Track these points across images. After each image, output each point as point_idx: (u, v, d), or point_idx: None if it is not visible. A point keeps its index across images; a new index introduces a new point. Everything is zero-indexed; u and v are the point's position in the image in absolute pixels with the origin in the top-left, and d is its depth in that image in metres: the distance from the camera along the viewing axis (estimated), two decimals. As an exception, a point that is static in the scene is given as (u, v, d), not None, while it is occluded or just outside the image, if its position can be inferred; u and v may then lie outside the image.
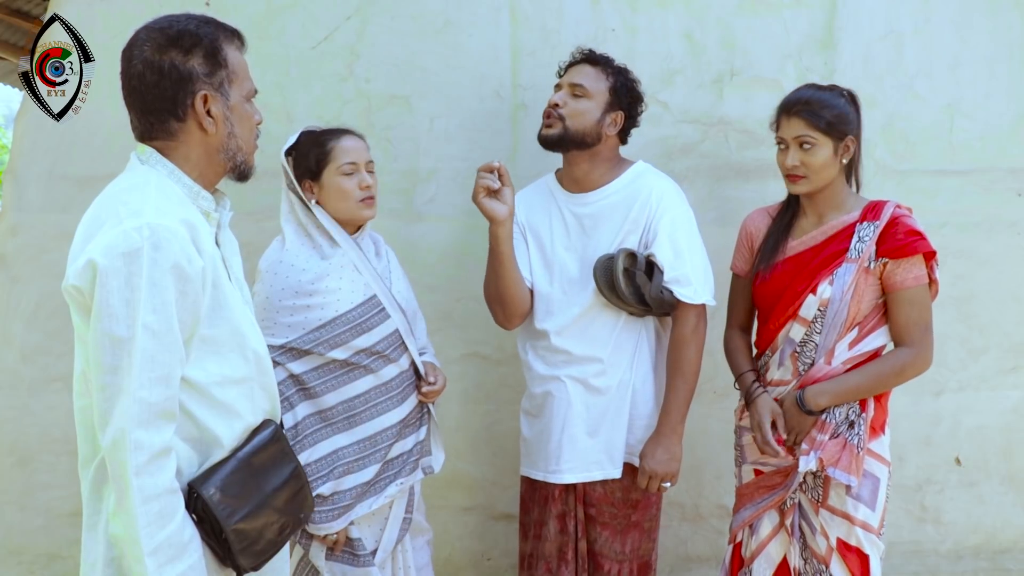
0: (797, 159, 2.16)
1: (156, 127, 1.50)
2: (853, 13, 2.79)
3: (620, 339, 2.28)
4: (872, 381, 2.14)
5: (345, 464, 2.13)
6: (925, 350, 2.15)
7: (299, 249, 2.17)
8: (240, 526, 1.46)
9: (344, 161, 2.15)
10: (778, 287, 2.23)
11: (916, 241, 2.11)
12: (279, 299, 2.13)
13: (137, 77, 1.47)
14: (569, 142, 2.26)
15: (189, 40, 1.48)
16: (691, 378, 2.27)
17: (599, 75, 2.28)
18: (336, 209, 2.16)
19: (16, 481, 2.81)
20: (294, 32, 2.72)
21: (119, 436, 1.34)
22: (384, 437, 2.17)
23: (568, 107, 2.25)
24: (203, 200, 1.53)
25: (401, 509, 2.25)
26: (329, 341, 2.11)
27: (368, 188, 2.16)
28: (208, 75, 1.49)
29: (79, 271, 1.37)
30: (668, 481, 2.24)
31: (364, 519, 2.21)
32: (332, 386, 2.13)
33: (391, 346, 2.17)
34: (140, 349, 1.35)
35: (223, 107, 1.52)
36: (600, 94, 2.27)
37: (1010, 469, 2.92)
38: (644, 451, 2.25)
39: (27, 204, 2.76)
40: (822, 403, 2.13)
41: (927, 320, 2.15)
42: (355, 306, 2.14)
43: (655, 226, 2.24)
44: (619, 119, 2.30)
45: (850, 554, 2.15)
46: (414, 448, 2.24)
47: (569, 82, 2.29)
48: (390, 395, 2.18)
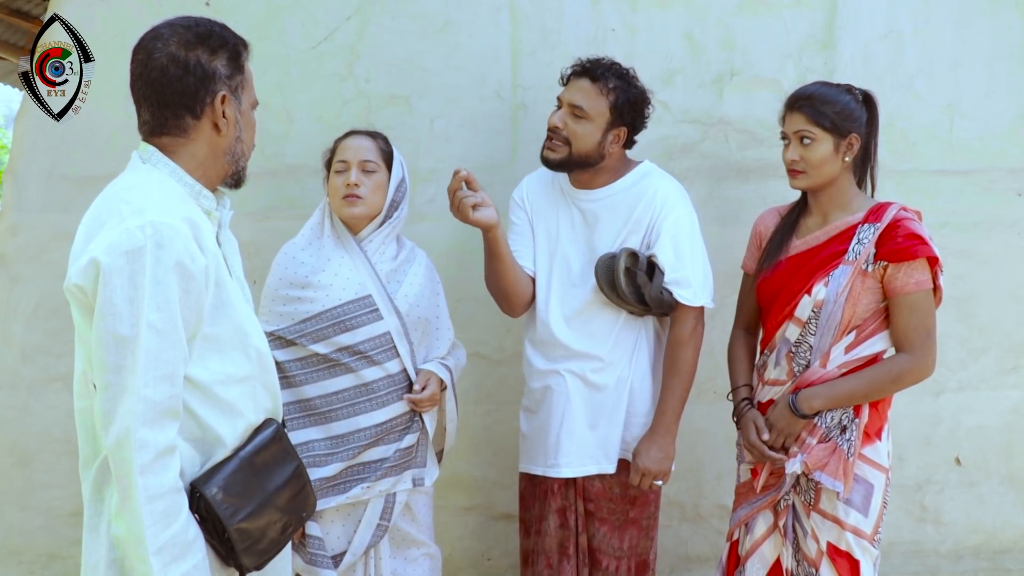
0: (797, 154, 2.16)
1: (170, 122, 1.50)
2: (853, 13, 2.79)
3: (620, 336, 2.29)
4: (868, 386, 2.12)
5: (312, 456, 2.14)
6: (925, 357, 2.12)
7: (305, 243, 2.24)
8: (243, 525, 1.46)
9: (338, 159, 2.23)
10: (777, 286, 2.23)
11: (916, 245, 2.08)
12: (276, 288, 2.21)
13: (159, 70, 1.48)
14: (574, 164, 2.27)
15: (217, 41, 1.51)
16: (687, 378, 2.28)
17: (598, 93, 2.23)
18: (332, 206, 2.25)
19: (16, 481, 2.81)
20: (294, 32, 2.72)
21: (123, 435, 1.34)
22: (358, 437, 2.17)
23: (569, 129, 2.24)
24: (204, 199, 1.54)
25: (375, 515, 2.22)
26: (312, 334, 2.15)
27: (351, 186, 2.18)
28: (229, 77, 1.52)
29: (82, 270, 1.37)
30: (661, 479, 2.26)
31: (337, 518, 2.21)
32: (312, 379, 2.16)
33: (377, 348, 2.17)
34: (144, 347, 1.35)
35: (236, 111, 1.54)
36: (600, 115, 2.24)
37: (1010, 469, 2.92)
38: (638, 449, 2.26)
39: (27, 204, 2.76)
40: (815, 406, 2.13)
41: (929, 327, 2.12)
42: (342, 303, 2.16)
43: (658, 227, 2.25)
44: (621, 135, 2.29)
45: (840, 558, 2.14)
46: (394, 455, 2.21)
47: (569, 102, 2.25)
48: (370, 397, 2.18)
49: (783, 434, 2.17)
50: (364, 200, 2.19)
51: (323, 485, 2.15)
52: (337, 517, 2.21)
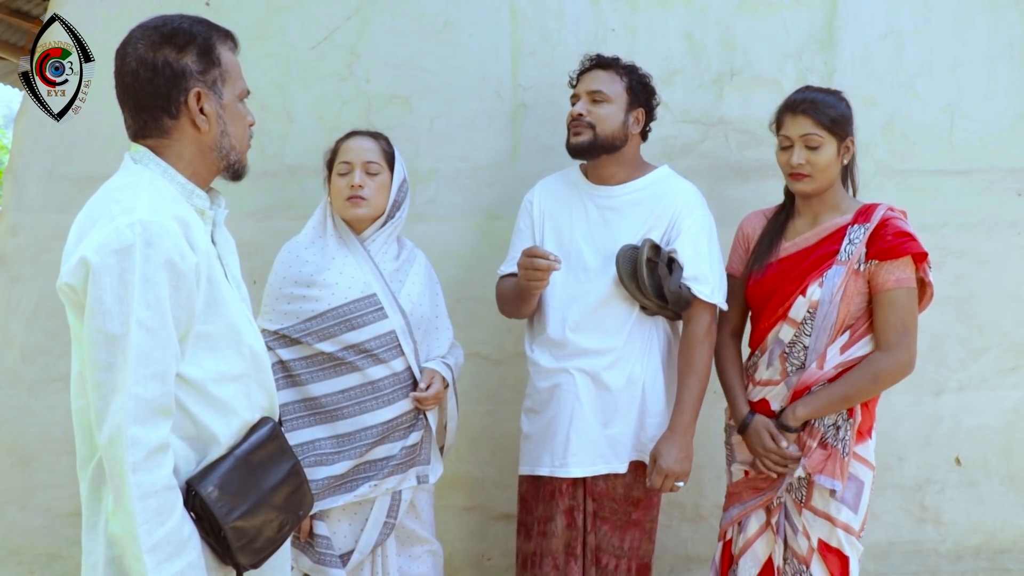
0: (803, 157, 2.16)
1: (150, 125, 1.50)
2: (853, 13, 2.79)
3: (632, 334, 2.30)
4: (847, 390, 2.13)
5: (319, 455, 2.15)
6: (902, 354, 2.12)
7: (308, 241, 2.24)
8: (238, 524, 1.46)
9: (340, 160, 2.24)
10: (769, 288, 2.23)
11: (905, 243, 2.10)
12: (280, 286, 2.20)
13: (131, 75, 1.48)
14: (600, 148, 2.29)
15: (183, 38, 1.49)
16: (704, 377, 2.28)
17: (613, 77, 2.31)
18: (335, 207, 2.25)
19: (16, 481, 2.81)
20: (294, 32, 2.73)
21: (115, 433, 1.34)
22: (364, 436, 2.17)
23: (593, 114, 2.28)
24: (197, 198, 1.53)
25: (382, 513, 2.23)
26: (319, 333, 2.15)
27: (355, 188, 2.19)
28: (202, 73, 1.50)
29: (72, 269, 1.37)
30: (682, 480, 2.25)
31: (343, 517, 2.21)
32: (318, 377, 2.17)
33: (383, 346, 2.18)
34: (134, 345, 1.35)
35: (216, 105, 1.52)
36: (619, 96, 2.29)
37: (1010, 469, 2.92)
38: (658, 450, 2.24)
39: (27, 204, 2.76)
40: (800, 417, 2.15)
41: (907, 324, 2.12)
42: (348, 301, 2.16)
43: (679, 224, 2.28)
44: (640, 116, 2.33)
45: (831, 555, 2.16)
46: (400, 453, 2.22)
47: (587, 90, 2.30)
48: (376, 395, 2.18)
49: (776, 452, 2.18)
50: (368, 201, 2.21)
51: (331, 484, 2.15)
52: (344, 516, 2.21)
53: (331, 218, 2.26)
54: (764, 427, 2.20)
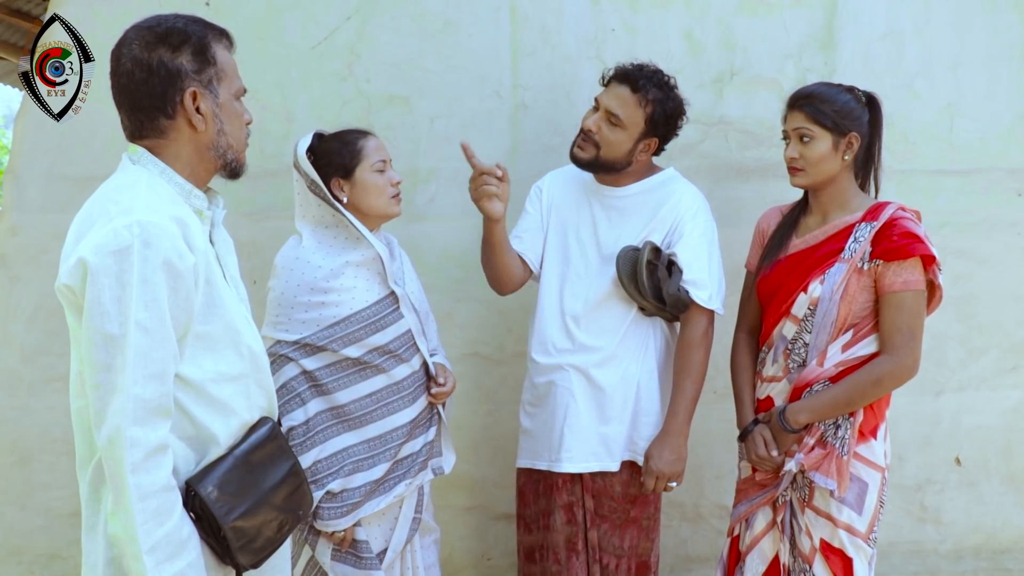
0: (796, 151, 2.17)
1: (146, 125, 1.50)
2: (853, 13, 2.79)
3: (628, 333, 2.30)
4: (850, 393, 2.11)
5: (355, 462, 2.13)
6: (906, 358, 2.09)
7: (316, 246, 2.16)
8: (238, 523, 1.46)
9: (376, 159, 2.17)
10: (775, 284, 2.23)
11: (911, 244, 2.07)
12: (294, 295, 2.12)
13: (126, 75, 1.48)
14: (600, 167, 2.29)
15: (177, 37, 1.49)
16: (699, 380, 2.29)
17: (637, 104, 2.22)
18: (370, 206, 2.17)
19: (16, 481, 2.81)
20: (294, 32, 2.72)
21: (115, 434, 1.34)
22: (394, 436, 2.17)
23: (602, 134, 2.24)
24: (195, 199, 1.53)
25: (411, 509, 2.25)
26: (344, 338, 2.11)
27: (397, 184, 2.20)
28: (197, 72, 1.49)
29: (70, 270, 1.37)
30: (675, 481, 2.26)
31: (374, 519, 2.21)
32: (345, 384, 2.13)
33: (403, 346, 2.18)
34: (133, 346, 1.35)
35: (212, 104, 1.52)
36: (635, 125, 2.24)
37: (1010, 469, 2.92)
38: (650, 451, 2.26)
39: (27, 204, 2.76)
40: (802, 420, 2.14)
41: (913, 327, 2.10)
42: (371, 304, 2.14)
43: (681, 228, 2.28)
44: (652, 145, 2.30)
45: (833, 556, 2.15)
46: (423, 448, 2.24)
47: (606, 107, 2.25)
48: (401, 395, 2.18)
49: (768, 460, 2.18)
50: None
51: (371, 489, 2.14)
52: (374, 517, 2.21)
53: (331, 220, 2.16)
54: (761, 435, 2.20)
